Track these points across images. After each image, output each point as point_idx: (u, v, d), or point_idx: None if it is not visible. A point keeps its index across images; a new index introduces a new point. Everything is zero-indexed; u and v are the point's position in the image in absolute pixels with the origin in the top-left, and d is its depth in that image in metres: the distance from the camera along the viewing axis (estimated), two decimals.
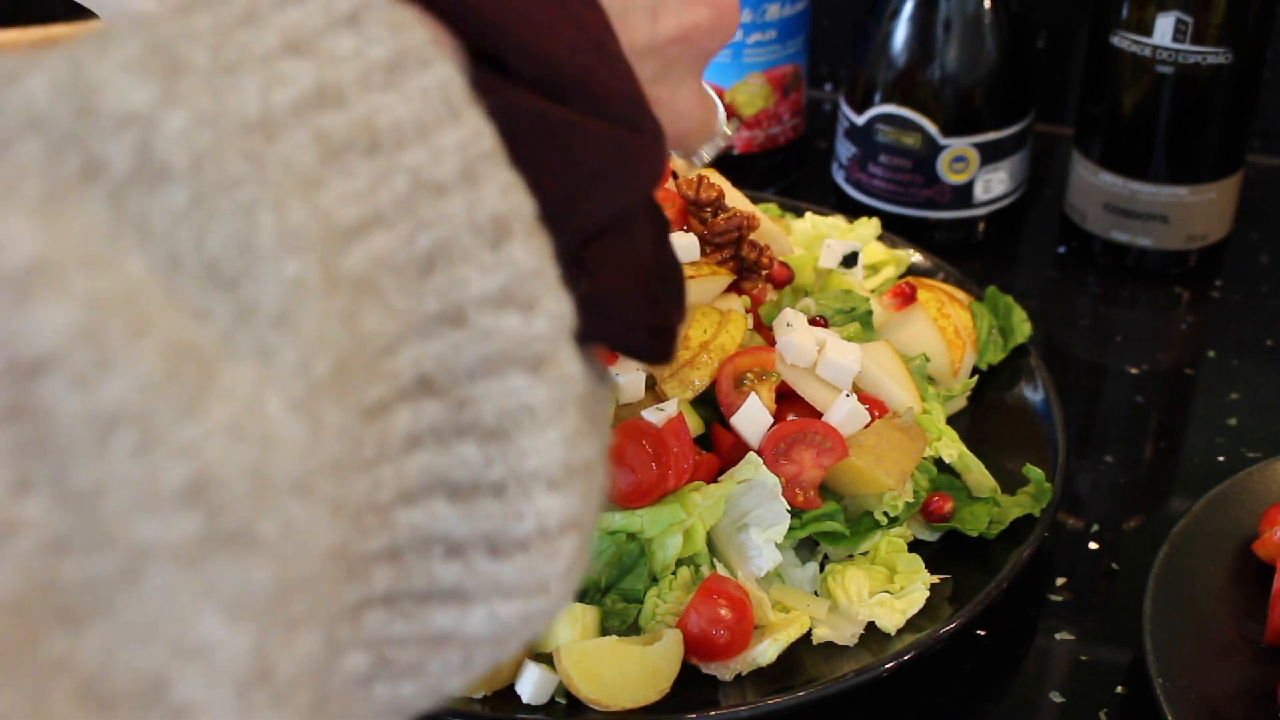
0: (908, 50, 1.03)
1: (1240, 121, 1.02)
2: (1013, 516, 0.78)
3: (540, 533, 0.34)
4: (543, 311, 0.33)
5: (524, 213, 0.33)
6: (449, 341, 0.32)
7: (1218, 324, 1.04)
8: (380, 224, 0.31)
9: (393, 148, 0.31)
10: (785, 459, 0.75)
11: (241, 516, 0.27)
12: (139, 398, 0.25)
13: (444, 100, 0.32)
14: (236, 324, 0.28)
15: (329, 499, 0.29)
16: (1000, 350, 0.91)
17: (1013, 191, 1.09)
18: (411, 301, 0.32)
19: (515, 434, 0.33)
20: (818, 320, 0.84)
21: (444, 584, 0.34)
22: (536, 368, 0.33)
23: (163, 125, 0.28)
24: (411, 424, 0.32)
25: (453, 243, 0.32)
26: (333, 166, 0.30)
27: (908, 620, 0.73)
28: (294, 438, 0.28)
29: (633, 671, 0.69)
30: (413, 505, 0.33)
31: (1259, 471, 0.82)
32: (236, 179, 0.28)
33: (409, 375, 0.32)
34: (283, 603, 0.27)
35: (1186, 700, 0.69)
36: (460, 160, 0.32)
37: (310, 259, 0.29)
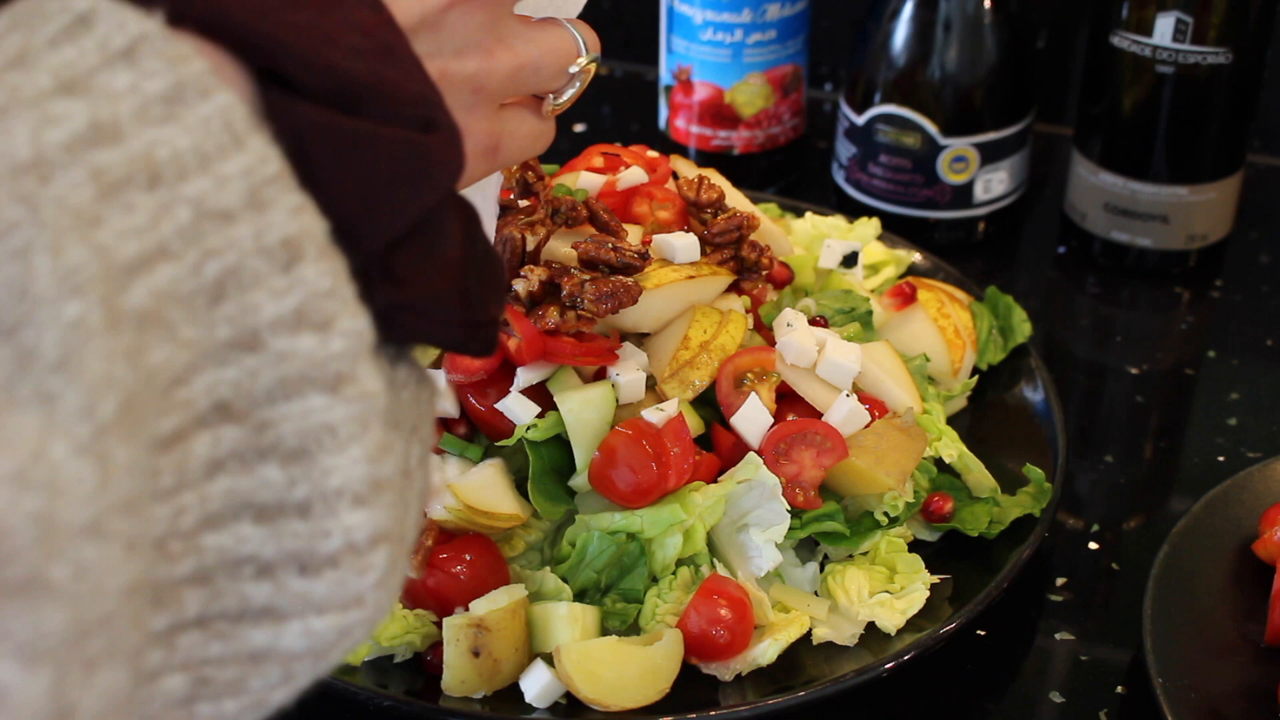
0: (908, 50, 1.03)
1: (1240, 121, 1.02)
2: (1013, 516, 0.78)
3: (349, 548, 0.34)
4: (339, 330, 0.33)
5: (315, 233, 0.33)
6: (244, 367, 0.33)
7: (1218, 324, 1.04)
8: (164, 256, 0.31)
9: (174, 179, 0.31)
10: (785, 459, 0.75)
11: (29, 564, 0.27)
12: None
13: (226, 128, 0.32)
14: (17, 371, 0.28)
15: (122, 537, 0.29)
16: (1000, 350, 0.92)
17: (1013, 191, 1.09)
18: (202, 330, 0.32)
19: (317, 453, 0.33)
20: (818, 320, 0.84)
21: (256, 603, 0.34)
22: (335, 386, 0.33)
23: None
24: (211, 450, 0.33)
25: (242, 268, 0.32)
26: (112, 202, 0.30)
27: (908, 620, 0.73)
28: (81, 481, 0.28)
29: (633, 671, 0.69)
30: (219, 529, 0.33)
31: (1259, 471, 0.82)
32: (10, 224, 0.28)
33: (205, 402, 0.32)
34: (79, 643, 0.28)
35: (1186, 700, 0.69)
36: (245, 186, 0.32)
37: (90, 299, 0.29)
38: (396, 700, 0.69)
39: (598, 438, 0.74)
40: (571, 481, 0.75)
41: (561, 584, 0.73)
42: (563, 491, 0.76)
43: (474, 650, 0.69)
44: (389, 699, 0.69)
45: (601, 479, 0.74)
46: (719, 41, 1.09)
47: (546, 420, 0.74)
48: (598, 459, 0.74)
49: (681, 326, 0.79)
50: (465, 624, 0.69)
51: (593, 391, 0.75)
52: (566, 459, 0.75)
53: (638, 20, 1.31)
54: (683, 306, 0.80)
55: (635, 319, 0.78)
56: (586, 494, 0.75)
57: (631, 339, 0.79)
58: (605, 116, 1.28)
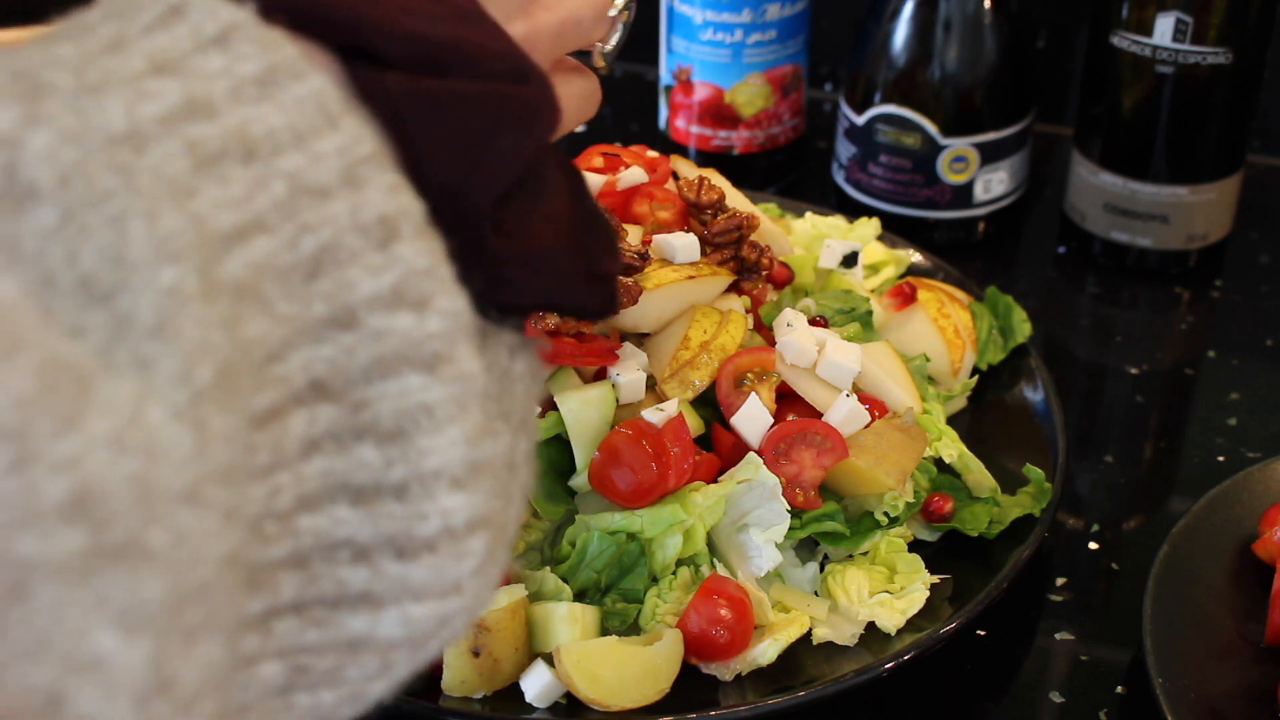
0: (908, 50, 1.03)
1: (1240, 121, 1.02)
2: (1013, 516, 0.78)
3: (446, 532, 0.34)
4: (436, 309, 0.33)
5: (412, 212, 0.33)
6: (340, 344, 0.32)
7: (1218, 324, 1.04)
8: (260, 229, 0.31)
9: (269, 154, 0.31)
10: (785, 459, 0.75)
11: (128, 528, 0.27)
12: (13, 415, 0.25)
13: (319, 109, 0.32)
14: (114, 337, 0.28)
15: (220, 506, 0.29)
16: (1000, 350, 0.92)
17: (1013, 191, 1.09)
18: (298, 305, 0.32)
19: (414, 434, 0.33)
20: (818, 320, 0.84)
21: (353, 588, 0.33)
22: (433, 366, 0.33)
23: (27, 146, 0.28)
24: (307, 429, 0.32)
25: (338, 245, 0.32)
26: (207, 174, 0.30)
27: (908, 620, 0.73)
28: (179, 446, 0.28)
29: (633, 671, 0.69)
30: (315, 511, 0.33)
31: (1259, 471, 0.82)
32: (105, 192, 0.28)
33: (300, 380, 0.32)
34: (178, 612, 0.27)
35: (1186, 700, 0.69)
36: (341, 164, 0.32)
37: (186, 266, 0.29)
38: (396, 700, 0.69)
39: (598, 438, 0.74)
40: (571, 481, 0.75)
41: (561, 584, 0.73)
42: (563, 491, 0.76)
43: (474, 650, 0.69)
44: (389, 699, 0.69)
45: (601, 479, 0.74)
46: (719, 41, 1.09)
47: (546, 420, 0.74)
48: (598, 459, 0.74)
49: (681, 326, 0.79)
50: None
51: (593, 391, 0.75)
52: (566, 459, 0.75)
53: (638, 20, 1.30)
54: (683, 306, 0.80)
55: (635, 319, 0.78)
56: (586, 494, 0.75)
57: (631, 339, 0.79)
58: (605, 117, 1.28)
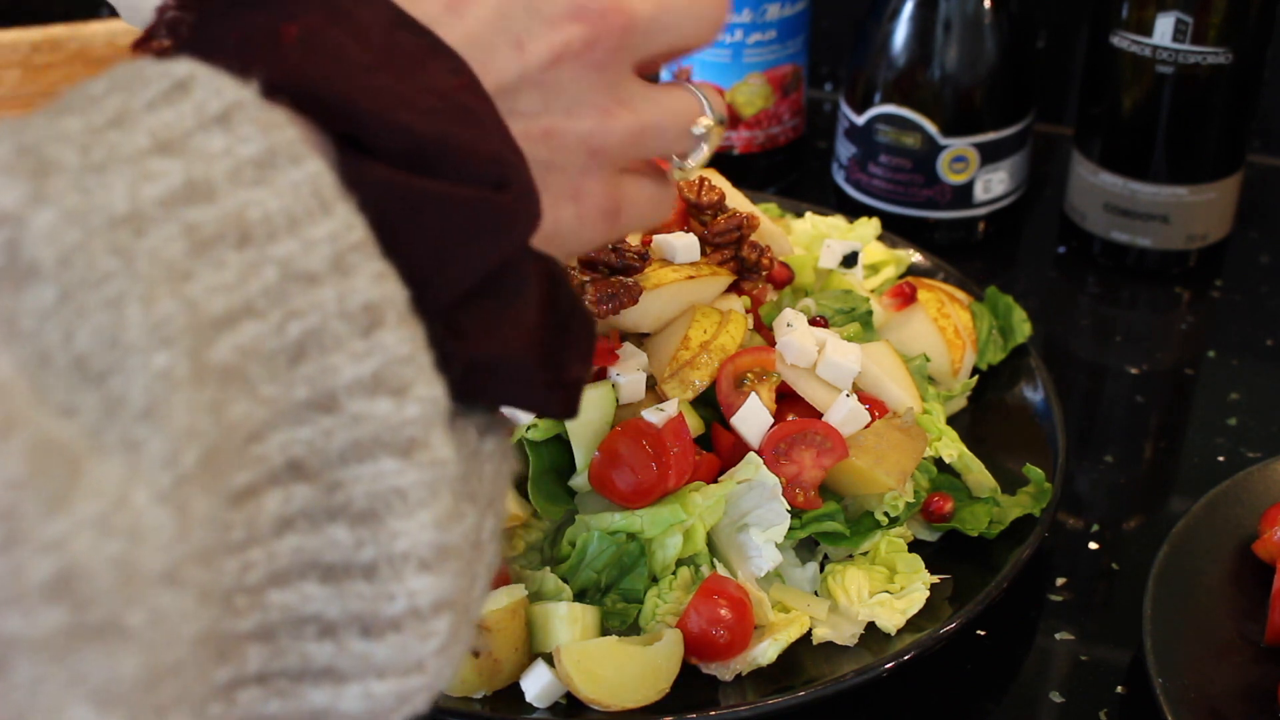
0: (908, 50, 1.03)
1: (1240, 121, 1.02)
2: (1013, 516, 0.78)
3: (412, 613, 0.34)
4: (414, 396, 0.34)
5: (396, 300, 0.34)
6: (320, 427, 0.33)
7: (1218, 324, 1.04)
8: (250, 314, 0.32)
9: (264, 240, 0.32)
10: (785, 459, 0.75)
11: (109, 608, 0.27)
12: (5, 496, 0.26)
13: (314, 194, 0.33)
14: (105, 418, 0.28)
15: (197, 586, 0.29)
16: (1000, 350, 0.91)
17: (1013, 191, 1.09)
18: (281, 388, 0.32)
19: (386, 516, 0.34)
20: (818, 320, 0.84)
21: (318, 663, 0.34)
22: (408, 452, 0.34)
23: (31, 224, 0.29)
24: (281, 507, 0.33)
25: (324, 331, 0.33)
26: (202, 258, 0.31)
27: (908, 620, 0.73)
28: (161, 529, 0.28)
29: (633, 671, 0.69)
30: (284, 586, 0.33)
31: (1259, 471, 0.82)
32: (105, 274, 0.29)
33: (279, 460, 0.33)
34: (152, 689, 0.28)
35: (1186, 700, 0.69)
36: (331, 251, 0.33)
37: (178, 351, 0.29)
38: None
39: (598, 438, 0.74)
40: (571, 481, 0.75)
41: (561, 584, 0.73)
42: (563, 491, 0.76)
43: (474, 650, 0.69)
44: None
45: (601, 479, 0.74)
46: (719, 41, 1.09)
47: (546, 420, 0.74)
48: (598, 459, 0.74)
49: (681, 327, 0.79)
50: None
51: (593, 391, 0.75)
52: (566, 459, 0.75)
53: None
54: (683, 307, 0.80)
55: (635, 319, 0.78)
56: (586, 494, 0.75)
57: (631, 339, 0.79)
58: None
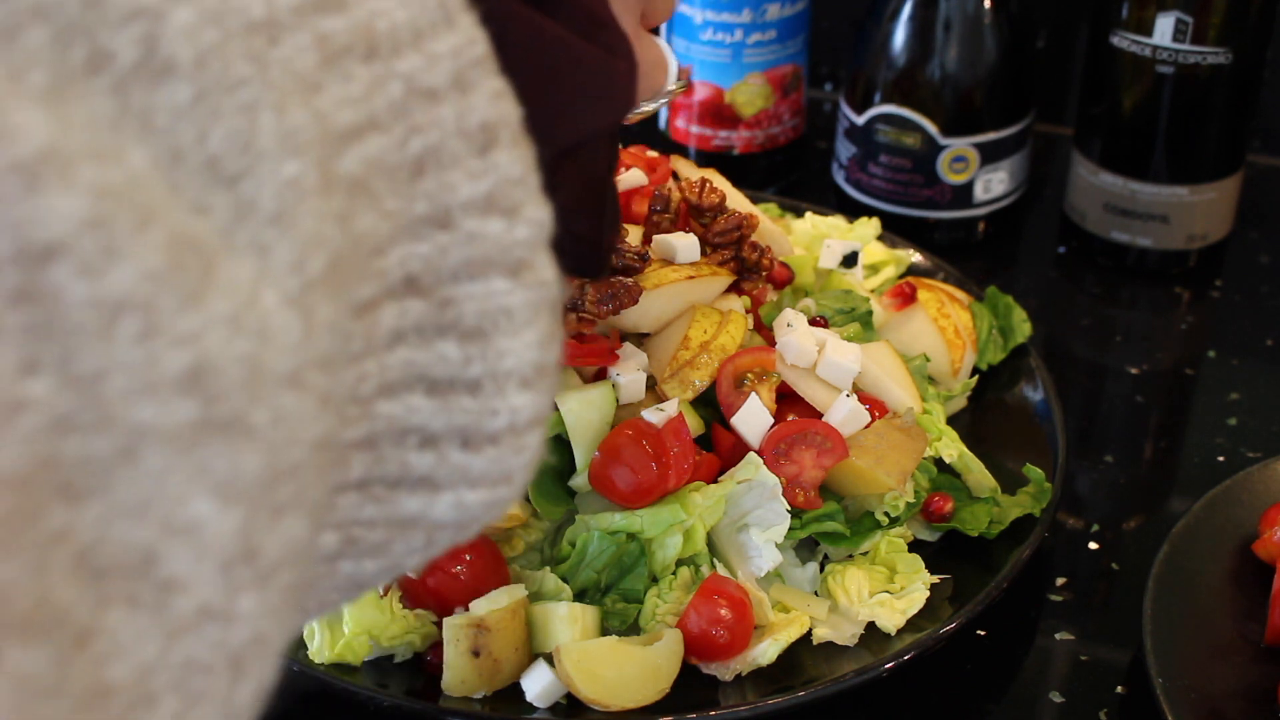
0: (908, 50, 1.03)
1: (1240, 121, 1.02)
2: (1013, 516, 0.78)
3: (511, 428, 0.35)
4: (524, 218, 0.34)
5: (511, 121, 0.34)
6: (435, 243, 0.33)
7: (1218, 324, 1.04)
8: (375, 128, 0.32)
9: (389, 53, 0.32)
10: (785, 459, 0.75)
11: (236, 405, 0.28)
12: (144, 286, 0.26)
13: (440, 5, 0.33)
14: (235, 220, 0.29)
15: (318, 391, 0.30)
16: (1000, 350, 0.91)
17: (1013, 191, 1.09)
18: (402, 203, 0.33)
19: (494, 335, 0.34)
20: (818, 320, 0.84)
21: (416, 472, 0.35)
22: (516, 272, 0.34)
23: (170, 20, 0.28)
24: (396, 321, 0.33)
25: (442, 148, 0.33)
26: (332, 71, 0.31)
27: (908, 620, 0.73)
28: (288, 331, 0.29)
29: (633, 671, 0.69)
30: (393, 398, 0.34)
31: (1259, 471, 0.82)
32: (240, 79, 0.29)
33: (397, 274, 0.33)
34: (271, 488, 0.29)
35: (1186, 700, 0.69)
36: (453, 67, 0.33)
37: (308, 160, 0.30)
38: (396, 700, 0.69)
39: (598, 438, 0.74)
40: (571, 481, 0.75)
41: (561, 584, 0.73)
42: (563, 491, 0.76)
43: (474, 650, 0.69)
44: (389, 699, 0.69)
45: (601, 479, 0.74)
46: (719, 41, 1.09)
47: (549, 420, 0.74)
48: (598, 459, 0.74)
49: (681, 327, 0.79)
50: (465, 624, 0.69)
51: (593, 391, 0.75)
52: (566, 459, 0.75)
53: None
54: (683, 307, 0.80)
55: (635, 319, 0.78)
56: (586, 494, 0.75)
57: (631, 339, 0.79)
58: None
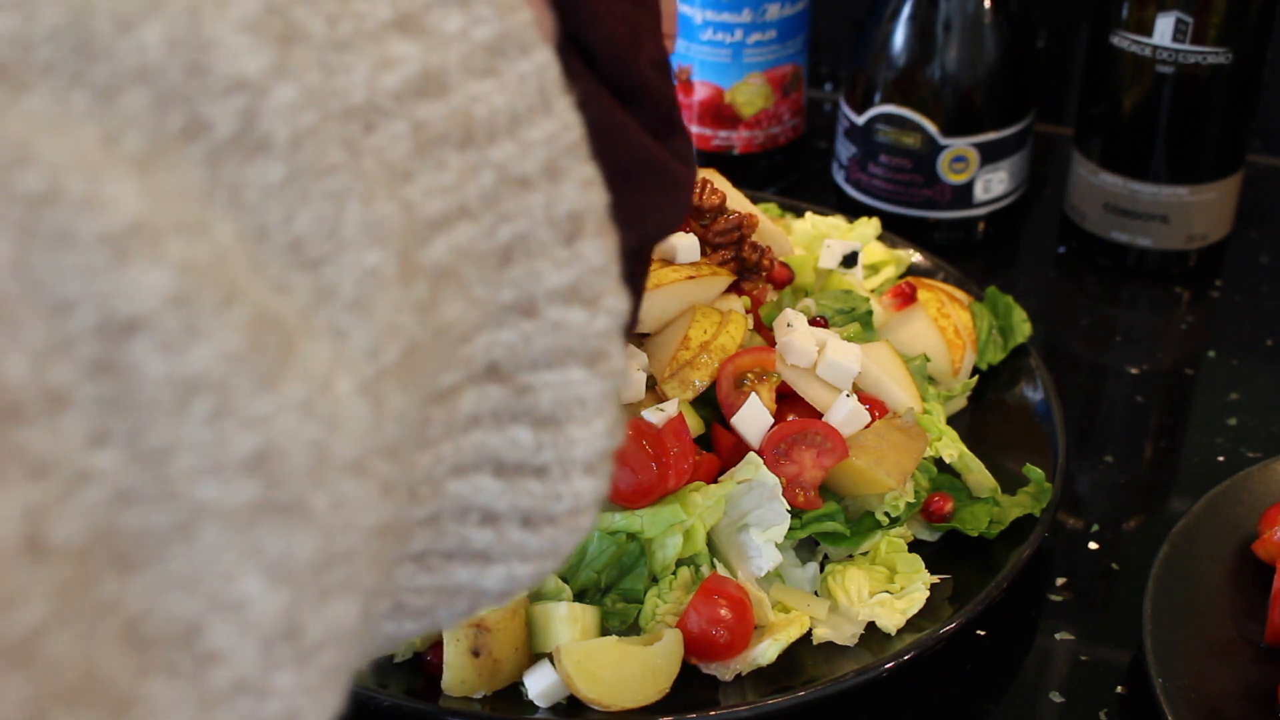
0: (908, 50, 1.03)
1: (1240, 121, 1.02)
2: (1013, 516, 0.78)
3: (572, 511, 0.35)
4: (605, 308, 0.34)
5: (598, 209, 0.34)
6: (520, 331, 0.34)
7: (1218, 324, 1.04)
8: (464, 216, 0.32)
9: (484, 140, 0.32)
10: (786, 459, 0.75)
11: (297, 489, 0.28)
12: (221, 367, 0.26)
13: (539, 89, 0.33)
14: (315, 303, 0.29)
15: (382, 479, 0.30)
16: (1000, 350, 0.91)
17: (1013, 191, 1.09)
18: (489, 291, 0.33)
19: (567, 423, 0.34)
20: (818, 320, 0.84)
21: (474, 547, 0.35)
22: (593, 361, 0.34)
23: (271, 96, 0.28)
24: (475, 405, 0.34)
25: (531, 237, 0.33)
26: (425, 159, 0.31)
27: (908, 620, 0.73)
28: (358, 419, 0.29)
29: (633, 671, 0.69)
30: (462, 478, 0.34)
31: (1259, 471, 0.82)
32: (331, 165, 0.29)
33: (481, 360, 0.33)
34: (321, 571, 0.29)
35: (1186, 700, 0.69)
36: (546, 155, 0.33)
37: (389, 251, 0.30)
38: (396, 700, 0.69)
39: None
40: None
41: (561, 584, 0.73)
42: None
43: (474, 650, 0.69)
44: (389, 699, 0.69)
45: None
46: (719, 41, 1.09)
47: None
48: None
49: (682, 327, 0.79)
50: (465, 624, 0.69)
51: None
52: None
53: None
54: (683, 307, 0.80)
55: None
56: None
57: (632, 339, 0.79)
58: None
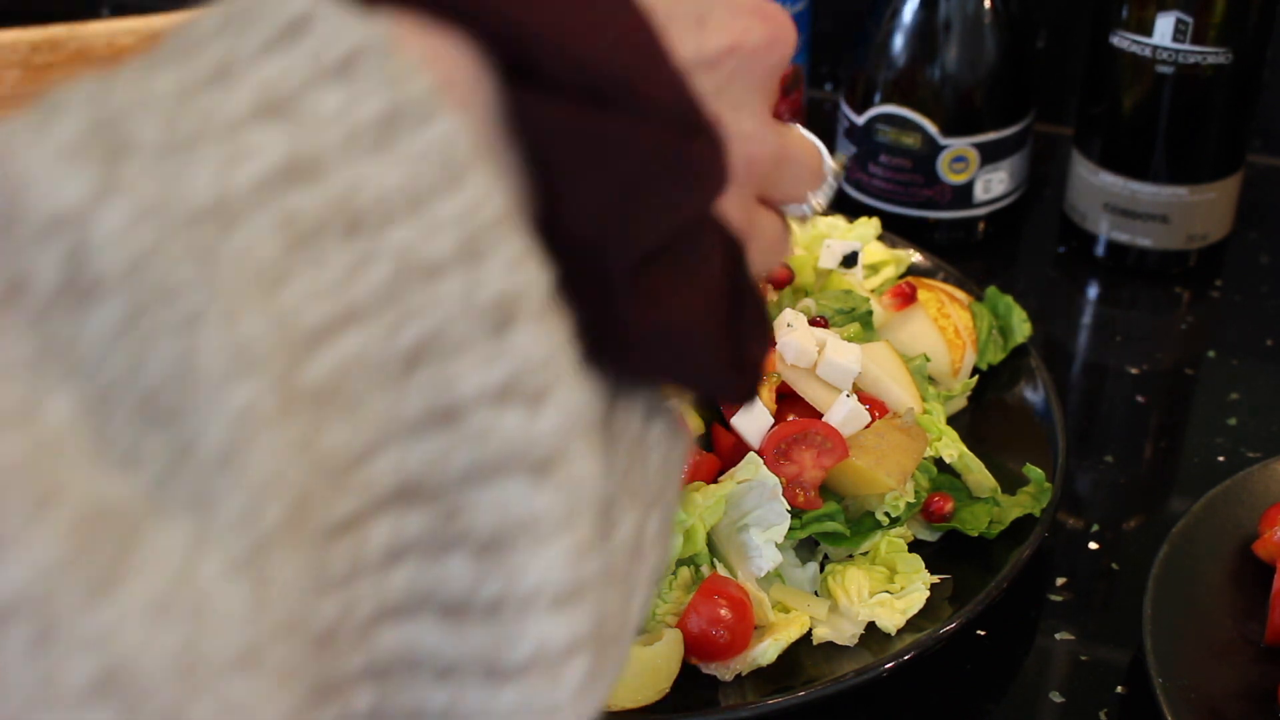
0: (908, 50, 1.03)
1: (1240, 121, 1.02)
2: (1013, 516, 0.78)
3: (538, 658, 0.30)
4: (553, 405, 0.29)
5: (534, 290, 0.29)
6: (436, 445, 0.29)
7: (1218, 324, 1.04)
8: (355, 320, 0.27)
9: (377, 226, 0.27)
10: (786, 459, 0.75)
11: (166, 704, 0.24)
12: (39, 584, 0.23)
13: (444, 162, 0.28)
14: (170, 470, 0.25)
15: (278, 666, 0.26)
16: (1000, 350, 0.91)
17: (1013, 191, 1.09)
18: (390, 404, 0.28)
19: (512, 548, 0.29)
20: (818, 321, 0.84)
21: (435, 705, 0.30)
22: (542, 471, 0.29)
23: (97, 224, 0.25)
24: (391, 537, 0.29)
25: (444, 333, 0.28)
26: (300, 256, 0.27)
27: (908, 620, 0.73)
28: (233, 608, 0.25)
29: (633, 671, 0.69)
30: (397, 622, 0.30)
31: (1259, 471, 0.82)
32: (179, 285, 0.25)
33: (387, 484, 0.28)
34: None
35: (1186, 700, 0.69)
36: (459, 234, 0.28)
37: (263, 381, 0.25)
38: None
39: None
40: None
41: None
42: None
43: None
44: None
45: None
46: None
47: None
48: None
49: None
50: None
51: None
52: None
53: None
54: None
55: None
56: None
57: None
58: None
